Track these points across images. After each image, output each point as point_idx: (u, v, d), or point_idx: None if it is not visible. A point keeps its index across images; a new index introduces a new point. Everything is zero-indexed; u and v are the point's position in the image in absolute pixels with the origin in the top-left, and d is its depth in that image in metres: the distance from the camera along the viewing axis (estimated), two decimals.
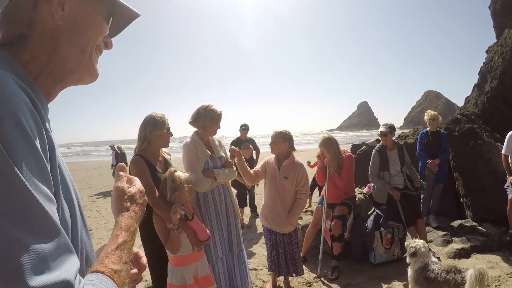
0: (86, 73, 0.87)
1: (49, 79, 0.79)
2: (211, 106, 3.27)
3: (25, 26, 0.75)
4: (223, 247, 3.28)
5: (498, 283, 3.71)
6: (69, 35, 0.79)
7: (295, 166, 3.63)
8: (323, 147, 4.36)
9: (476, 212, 5.55)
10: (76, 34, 0.81)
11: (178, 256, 2.63)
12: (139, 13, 0.96)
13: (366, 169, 5.09)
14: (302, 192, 3.65)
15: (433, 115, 5.78)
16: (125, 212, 0.90)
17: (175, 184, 2.59)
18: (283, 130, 3.70)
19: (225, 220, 3.31)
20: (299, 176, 3.61)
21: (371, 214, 4.66)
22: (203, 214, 3.21)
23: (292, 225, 3.68)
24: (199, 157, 3.19)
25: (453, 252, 4.49)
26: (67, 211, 0.73)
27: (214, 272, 3.14)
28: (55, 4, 0.76)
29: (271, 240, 3.73)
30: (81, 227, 0.82)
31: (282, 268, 3.75)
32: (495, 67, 6.82)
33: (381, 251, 4.39)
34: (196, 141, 3.26)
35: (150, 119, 2.87)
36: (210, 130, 3.27)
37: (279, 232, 3.68)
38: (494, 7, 7.91)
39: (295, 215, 3.63)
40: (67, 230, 0.71)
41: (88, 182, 14.85)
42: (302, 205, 3.68)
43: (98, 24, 0.85)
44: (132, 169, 2.76)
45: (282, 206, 3.61)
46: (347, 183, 4.38)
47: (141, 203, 0.95)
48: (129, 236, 0.83)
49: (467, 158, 5.76)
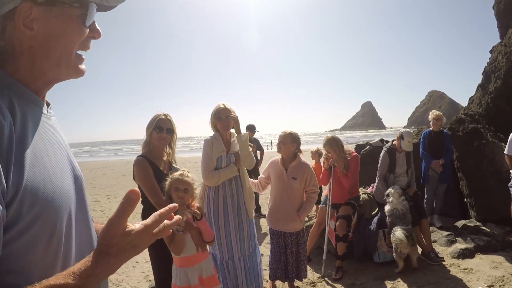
0: (68, 76, 0.92)
1: (34, 85, 0.86)
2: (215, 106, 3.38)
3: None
4: (228, 248, 3.31)
5: (502, 283, 3.71)
6: (44, 50, 0.83)
7: (302, 167, 3.66)
8: (328, 146, 4.38)
9: (480, 212, 5.55)
10: (51, 48, 0.84)
11: (182, 257, 2.62)
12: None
13: (370, 169, 5.10)
14: (313, 190, 3.68)
15: (438, 115, 5.78)
16: (97, 257, 0.75)
17: (170, 185, 2.59)
18: (292, 132, 3.72)
19: (235, 219, 3.34)
20: (308, 176, 3.64)
21: (375, 214, 4.67)
22: (213, 211, 3.30)
23: (302, 222, 3.70)
24: (214, 152, 3.29)
25: (457, 252, 4.49)
26: (39, 205, 0.74)
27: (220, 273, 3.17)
28: (21, 27, 0.79)
29: (279, 243, 3.68)
30: (75, 222, 0.87)
31: (289, 271, 3.69)
32: (499, 67, 6.81)
33: (384, 250, 4.40)
34: (215, 137, 3.37)
35: (150, 119, 2.91)
36: (219, 127, 3.35)
37: (288, 232, 3.67)
38: (498, 7, 7.90)
39: (305, 210, 3.66)
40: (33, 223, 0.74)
41: (92, 182, 14.89)
42: (312, 203, 3.73)
43: (74, 31, 0.86)
44: (136, 170, 2.78)
45: (292, 205, 3.63)
46: (353, 183, 4.40)
47: (129, 250, 0.77)
48: (78, 282, 0.71)
49: (471, 158, 5.75)
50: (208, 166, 3.29)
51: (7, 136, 0.71)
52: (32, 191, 0.74)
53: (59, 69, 0.87)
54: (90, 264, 0.74)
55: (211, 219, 3.34)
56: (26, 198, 0.72)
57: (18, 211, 0.71)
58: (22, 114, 0.78)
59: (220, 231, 3.32)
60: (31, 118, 0.81)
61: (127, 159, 29.42)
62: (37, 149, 0.79)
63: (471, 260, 4.34)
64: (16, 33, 0.79)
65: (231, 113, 3.30)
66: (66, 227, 0.82)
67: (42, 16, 0.80)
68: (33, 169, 0.76)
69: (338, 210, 4.44)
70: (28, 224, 0.73)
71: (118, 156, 37.64)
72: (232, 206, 3.32)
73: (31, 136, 0.79)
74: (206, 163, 3.30)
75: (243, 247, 3.35)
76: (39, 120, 0.85)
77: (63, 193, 0.83)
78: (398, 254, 4.08)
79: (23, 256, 0.73)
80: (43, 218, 0.75)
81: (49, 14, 0.81)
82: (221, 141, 3.35)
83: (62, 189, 0.83)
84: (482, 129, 5.93)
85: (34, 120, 0.82)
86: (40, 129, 0.84)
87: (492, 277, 3.83)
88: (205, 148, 3.36)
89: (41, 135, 0.83)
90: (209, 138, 3.40)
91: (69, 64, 0.88)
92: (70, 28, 0.85)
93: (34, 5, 0.79)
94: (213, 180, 3.27)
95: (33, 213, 0.73)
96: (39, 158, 0.78)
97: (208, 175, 3.27)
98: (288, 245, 3.68)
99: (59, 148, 0.90)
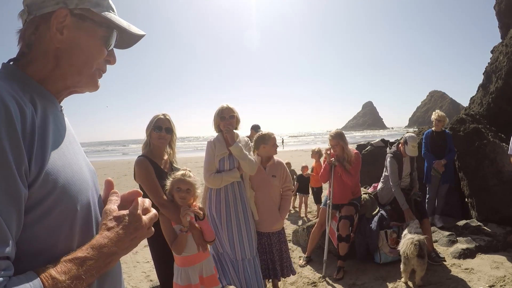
0: (86, 86, 1.01)
1: (53, 88, 0.94)
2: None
3: (25, 46, 0.91)
4: (231, 249, 3.32)
5: (503, 283, 3.71)
6: (68, 56, 0.92)
7: (279, 165, 3.74)
8: (338, 139, 4.37)
9: (481, 212, 5.54)
10: (75, 56, 0.93)
11: (183, 256, 2.63)
12: (144, 32, 1.08)
13: (371, 169, 5.09)
14: (288, 187, 3.76)
15: (441, 115, 5.77)
16: (106, 231, 0.85)
17: (172, 185, 2.61)
18: (271, 133, 3.73)
19: (237, 221, 3.34)
20: (284, 174, 3.73)
21: (376, 214, 4.67)
22: (215, 212, 3.31)
23: (283, 220, 3.75)
24: (216, 154, 3.28)
25: (458, 252, 4.49)
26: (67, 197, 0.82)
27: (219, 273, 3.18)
28: (54, 29, 0.89)
29: (263, 244, 3.65)
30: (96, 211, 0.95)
31: (276, 269, 3.66)
32: (500, 67, 6.81)
33: (386, 251, 4.40)
34: (219, 139, 3.37)
35: (149, 120, 2.93)
36: (222, 127, 3.34)
37: (271, 232, 3.65)
38: (499, 7, 7.89)
39: (285, 210, 3.77)
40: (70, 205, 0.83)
41: None
42: (289, 200, 3.84)
43: (95, 48, 0.97)
44: (137, 170, 2.79)
45: (275, 204, 3.65)
46: (356, 180, 4.40)
47: (130, 227, 0.89)
48: (95, 254, 0.79)
49: (472, 158, 5.75)
50: (210, 168, 3.29)
51: (30, 122, 0.77)
52: (53, 173, 0.80)
53: (80, 77, 0.96)
54: (101, 237, 0.83)
55: (214, 220, 3.35)
56: (48, 181, 0.78)
57: (40, 193, 0.76)
58: (43, 109, 0.85)
59: (222, 232, 3.32)
60: (50, 113, 0.88)
61: (128, 159, 29.44)
62: (57, 139, 0.87)
63: (472, 260, 4.34)
64: (48, 33, 0.90)
65: (227, 125, 3.28)
66: (85, 210, 0.89)
67: (73, 25, 0.92)
68: (53, 154, 0.82)
69: (340, 210, 4.44)
70: (50, 207, 0.78)
71: (124, 156, 37.63)
72: (234, 207, 3.32)
73: (51, 127, 0.86)
74: (208, 165, 3.31)
75: (243, 249, 3.34)
76: (57, 116, 0.93)
77: (82, 178, 0.90)
78: (404, 268, 3.86)
79: (47, 238, 0.79)
80: (64, 200, 0.82)
81: (79, 25, 0.93)
82: (224, 143, 3.34)
83: (81, 174, 0.90)
84: (483, 129, 5.93)
85: (53, 115, 0.89)
86: (58, 124, 0.91)
87: (493, 277, 3.83)
88: (208, 149, 3.37)
89: (59, 129, 0.91)
90: (212, 139, 3.40)
91: (89, 74, 0.98)
92: (92, 44, 0.96)
93: (70, 15, 0.91)
94: (215, 183, 3.27)
95: (54, 196, 0.79)
96: (58, 146, 0.86)
97: (210, 178, 3.27)
98: (273, 244, 3.66)
99: (75, 143, 0.98)
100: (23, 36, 0.92)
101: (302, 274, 4.38)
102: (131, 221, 0.89)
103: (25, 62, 0.90)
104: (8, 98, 0.74)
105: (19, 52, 0.92)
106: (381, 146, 7.10)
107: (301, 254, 5.04)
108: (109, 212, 0.90)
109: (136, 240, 0.91)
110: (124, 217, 0.89)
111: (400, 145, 4.74)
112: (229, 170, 3.31)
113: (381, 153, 6.65)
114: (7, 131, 0.71)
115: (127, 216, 0.89)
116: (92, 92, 1.05)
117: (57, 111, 0.94)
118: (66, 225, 0.82)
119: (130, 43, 1.10)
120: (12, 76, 0.86)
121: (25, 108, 0.77)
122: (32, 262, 0.75)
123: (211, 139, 3.40)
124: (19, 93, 0.80)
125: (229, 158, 3.33)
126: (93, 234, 0.89)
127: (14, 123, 0.72)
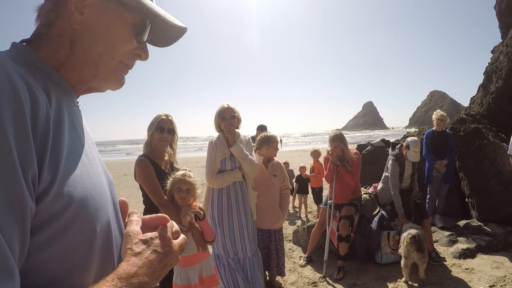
0: (105, 81, 0.82)
1: (68, 77, 0.77)
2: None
3: (43, 26, 0.76)
4: (233, 248, 3.33)
5: (503, 283, 3.71)
6: (85, 41, 0.75)
7: (278, 165, 3.89)
8: (338, 141, 4.40)
9: (482, 212, 5.54)
10: (92, 42, 0.76)
11: (182, 256, 2.63)
12: (184, 25, 0.88)
13: (372, 169, 5.09)
14: (286, 186, 3.91)
15: (442, 115, 5.77)
16: (133, 257, 0.68)
17: (172, 185, 2.61)
18: (275, 136, 3.96)
19: (239, 220, 3.36)
20: (283, 173, 3.89)
21: (376, 214, 4.67)
22: (216, 212, 3.33)
23: (284, 218, 3.89)
24: (217, 154, 3.30)
25: (459, 252, 4.49)
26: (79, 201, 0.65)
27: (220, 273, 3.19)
28: (72, 8, 0.73)
29: (264, 239, 3.78)
30: (114, 221, 0.78)
31: (271, 266, 3.77)
32: (500, 67, 6.81)
33: (387, 251, 4.40)
34: (220, 139, 3.38)
35: (151, 120, 2.93)
36: (223, 127, 3.35)
37: (272, 230, 3.80)
38: (500, 7, 7.89)
39: (286, 208, 3.90)
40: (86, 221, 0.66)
41: None
42: (287, 199, 3.98)
43: (121, 35, 0.79)
44: (137, 169, 2.79)
45: (276, 202, 3.78)
46: (357, 180, 4.42)
47: (161, 252, 0.72)
48: (123, 286, 0.62)
49: (472, 158, 5.75)
50: (212, 169, 3.31)
51: (44, 115, 0.62)
52: (69, 184, 0.63)
53: (96, 69, 0.78)
54: (128, 264, 0.66)
55: (215, 220, 3.36)
56: (62, 193, 0.61)
57: (52, 210, 0.60)
58: (58, 102, 0.69)
59: (224, 231, 3.33)
60: (66, 108, 0.72)
61: (129, 159, 29.43)
62: (74, 140, 0.71)
63: (473, 260, 4.34)
64: (66, 12, 0.74)
65: (229, 126, 3.31)
66: (105, 232, 0.73)
67: (96, 5, 0.75)
68: (70, 159, 0.66)
69: (340, 210, 4.44)
70: (64, 227, 0.62)
71: (126, 156, 37.62)
72: (236, 207, 3.34)
73: (67, 124, 0.70)
74: (210, 166, 3.33)
75: (245, 247, 3.36)
76: (74, 112, 0.76)
77: (102, 191, 0.74)
78: (405, 262, 3.88)
79: (58, 266, 0.62)
80: (81, 219, 0.65)
81: (103, 7, 0.76)
82: (225, 143, 3.35)
83: (100, 187, 0.74)
84: (483, 129, 5.93)
85: (69, 111, 0.73)
86: (75, 121, 0.75)
87: (494, 277, 3.83)
88: (209, 150, 3.38)
89: (76, 127, 0.74)
90: (213, 139, 3.41)
91: (109, 67, 0.80)
92: (117, 30, 0.78)
93: None
94: (217, 183, 3.29)
95: (70, 213, 0.63)
96: (76, 150, 0.70)
97: (211, 178, 3.29)
98: (272, 241, 3.80)
99: (93, 146, 0.81)
100: (40, 13, 0.76)
101: (303, 274, 4.38)
102: (161, 246, 0.73)
103: (38, 44, 0.74)
104: (18, 80, 0.58)
105: (34, 33, 0.77)
106: (382, 146, 7.10)
107: (302, 254, 5.04)
108: (133, 234, 0.73)
109: (167, 268, 0.74)
110: (152, 240, 0.73)
111: (403, 149, 4.71)
112: (230, 170, 3.33)
113: (381, 153, 6.65)
114: (15, 122, 0.55)
115: (156, 239, 0.73)
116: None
117: (74, 105, 0.78)
118: (82, 250, 0.66)
119: (168, 40, 0.91)
120: (23, 58, 0.69)
121: (39, 96, 0.61)
122: None
123: (213, 140, 3.41)
124: (31, 78, 0.63)
125: (230, 158, 3.34)
126: (114, 262, 0.74)
127: (24, 113, 0.56)
